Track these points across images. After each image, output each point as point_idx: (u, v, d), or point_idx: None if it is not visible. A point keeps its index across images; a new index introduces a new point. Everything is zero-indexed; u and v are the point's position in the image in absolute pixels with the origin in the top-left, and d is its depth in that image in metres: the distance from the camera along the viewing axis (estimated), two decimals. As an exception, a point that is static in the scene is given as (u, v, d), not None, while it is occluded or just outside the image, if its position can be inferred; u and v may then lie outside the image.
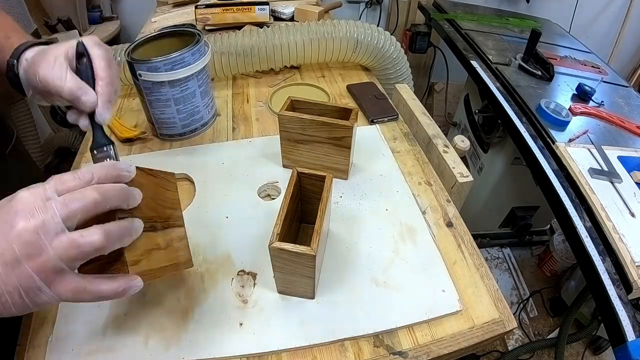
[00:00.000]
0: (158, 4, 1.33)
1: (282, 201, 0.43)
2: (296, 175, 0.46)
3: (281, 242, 0.39)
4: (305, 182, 0.48)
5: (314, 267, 0.40)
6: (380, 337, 0.44)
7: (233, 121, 0.75)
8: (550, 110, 0.92)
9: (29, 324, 0.43)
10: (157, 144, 0.70)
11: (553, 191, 0.75)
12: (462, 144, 0.71)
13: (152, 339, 0.42)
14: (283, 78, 0.89)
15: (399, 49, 0.88)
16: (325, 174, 0.46)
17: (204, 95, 0.68)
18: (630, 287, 0.59)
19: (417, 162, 0.66)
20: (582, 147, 0.82)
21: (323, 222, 0.42)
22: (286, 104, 0.58)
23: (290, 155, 0.61)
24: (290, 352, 0.42)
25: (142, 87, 0.62)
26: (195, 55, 0.62)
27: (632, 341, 0.55)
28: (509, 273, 1.44)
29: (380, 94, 0.81)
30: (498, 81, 1.06)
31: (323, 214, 0.42)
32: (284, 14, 1.14)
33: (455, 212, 0.58)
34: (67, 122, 0.47)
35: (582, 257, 0.66)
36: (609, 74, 1.19)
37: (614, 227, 0.65)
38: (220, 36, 0.81)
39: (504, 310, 0.47)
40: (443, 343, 0.43)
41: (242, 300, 0.46)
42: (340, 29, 0.82)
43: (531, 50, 1.12)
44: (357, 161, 0.64)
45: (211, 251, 0.51)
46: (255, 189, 0.60)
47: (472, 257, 0.52)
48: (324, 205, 0.43)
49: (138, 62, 0.59)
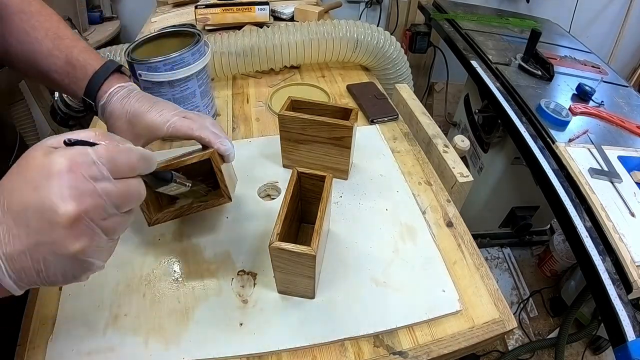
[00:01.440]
0: (158, 4, 1.33)
1: (282, 201, 0.43)
2: (296, 175, 0.46)
3: (281, 242, 0.39)
4: (305, 182, 0.48)
5: (314, 267, 0.40)
6: (380, 337, 0.44)
7: (233, 121, 0.75)
8: (550, 110, 0.92)
9: (29, 324, 0.43)
10: (157, 144, 0.70)
11: (553, 191, 0.75)
12: (462, 144, 0.71)
13: (152, 339, 0.42)
14: (283, 78, 0.89)
15: (399, 49, 0.88)
16: (325, 174, 0.46)
17: (204, 95, 0.68)
18: (630, 287, 0.59)
19: (417, 162, 0.66)
20: (582, 147, 0.82)
21: (323, 222, 0.41)
22: (286, 104, 0.58)
23: (290, 155, 0.61)
24: (290, 352, 0.42)
25: (142, 87, 0.62)
26: (195, 55, 0.62)
27: (632, 341, 0.55)
28: (509, 273, 1.44)
29: (380, 94, 0.81)
30: (498, 81, 1.06)
31: (323, 214, 0.42)
32: (284, 14, 1.14)
33: (455, 212, 0.58)
34: (67, 122, 0.47)
35: (582, 257, 0.66)
36: (609, 74, 1.19)
37: (614, 227, 0.65)
38: (220, 36, 0.81)
39: (504, 310, 0.47)
40: (443, 343, 0.43)
41: (242, 300, 0.46)
42: (340, 29, 0.82)
43: (531, 50, 1.12)
44: (357, 161, 0.64)
45: (211, 251, 0.51)
46: (255, 189, 0.60)
47: (472, 257, 0.52)
48: (324, 205, 0.43)
49: (138, 62, 0.59)
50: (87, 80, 0.45)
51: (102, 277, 0.47)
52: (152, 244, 0.51)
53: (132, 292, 0.46)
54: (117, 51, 0.78)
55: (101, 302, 0.45)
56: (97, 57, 0.48)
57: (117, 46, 0.79)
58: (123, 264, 0.49)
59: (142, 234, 0.52)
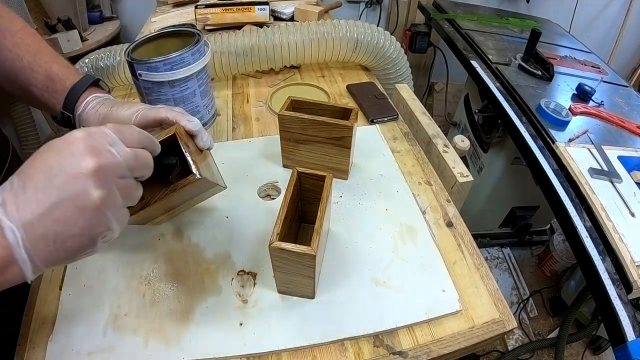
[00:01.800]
0: (158, 4, 1.33)
1: (282, 201, 0.43)
2: (296, 175, 0.46)
3: (281, 241, 0.39)
4: (305, 182, 0.48)
5: (314, 267, 0.40)
6: (380, 337, 0.44)
7: (233, 121, 0.75)
8: (550, 110, 0.92)
9: (29, 324, 0.43)
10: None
11: (553, 191, 0.75)
12: (462, 144, 0.71)
13: (152, 339, 0.42)
14: (283, 78, 0.89)
15: (399, 49, 0.88)
16: (325, 174, 0.46)
17: (204, 95, 0.68)
18: (630, 287, 0.59)
19: (417, 162, 0.66)
20: (582, 147, 0.82)
21: (323, 222, 0.41)
22: (286, 104, 0.58)
23: (290, 155, 0.61)
24: (290, 352, 0.42)
25: (142, 87, 0.62)
26: (195, 55, 0.62)
27: (632, 341, 0.55)
28: (509, 273, 1.44)
29: (380, 94, 0.81)
30: (498, 81, 1.06)
31: (323, 214, 0.42)
32: (284, 14, 1.14)
33: (455, 212, 0.58)
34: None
35: (582, 257, 0.66)
36: (609, 73, 1.19)
37: (614, 227, 0.65)
38: (220, 36, 0.81)
39: (504, 310, 0.47)
40: (443, 343, 0.43)
41: (242, 300, 0.46)
42: (340, 29, 0.82)
43: (531, 50, 1.12)
44: (357, 161, 0.64)
45: (211, 251, 0.51)
46: (255, 189, 0.60)
47: (472, 257, 0.52)
48: (324, 205, 0.43)
49: (138, 62, 0.59)
50: (66, 93, 0.46)
51: (102, 277, 0.47)
52: (152, 244, 0.51)
53: (132, 292, 0.46)
54: (117, 51, 0.78)
55: (101, 302, 0.45)
56: (75, 71, 0.48)
57: (117, 46, 0.79)
58: (123, 264, 0.49)
59: (142, 234, 0.52)
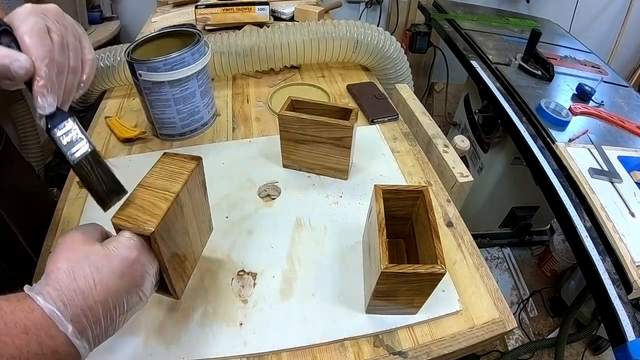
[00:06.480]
0: (158, 4, 1.33)
1: (377, 219, 0.41)
2: (381, 193, 0.44)
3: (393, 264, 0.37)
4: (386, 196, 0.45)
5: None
6: (380, 337, 0.44)
7: (233, 121, 0.75)
8: (550, 110, 0.92)
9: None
10: (157, 144, 0.70)
11: (553, 191, 0.75)
12: (462, 144, 0.71)
13: (152, 339, 0.42)
14: (283, 78, 0.89)
15: (399, 49, 0.88)
16: (422, 188, 0.43)
17: (204, 95, 0.68)
18: (630, 287, 0.59)
19: (417, 162, 0.66)
20: (582, 147, 0.82)
21: None
22: (286, 104, 0.58)
23: (290, 155, 0.61)
24: (290, 352, 0.42)
25: (142, 87, 0.62)
26: (195, 55, 0.62)
27: (632, 341, 0.55)
28: (509, 273, 1.44)
29: (380, 94, 0.81)
30: (498, 81, 1.06)
31: (437, 233, 0.40)
32: (284, 14, 1.14)
33: (455, 212, 0.58)
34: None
35: (582, 257, 0.66)
36: (609, 74, 1.19)
37: (614, 227, 0.65)
38: (220, 36, 0.81)
39: (504, 310, 0.47)
40: (443, 343, 0.43)
41: (242, 300, 0.46)
42: (340, 29, 0.82)
43: (531, 50, 1.11)
44: (357, 161, 0.64)
45: (211, 251, 0.51)
46: (255, 189, 0.60)
47: (472, 257, 0.52)
48: (434, 223, 0.40)
49: (138, 62, 0.59)
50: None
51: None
52: (152, 244, 0.51)
53: (132, 292, 0.46)
54: (117, 51, 0.78)
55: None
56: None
57: (117, 46, 0.79)
58: (123, 264, 0.49)
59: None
